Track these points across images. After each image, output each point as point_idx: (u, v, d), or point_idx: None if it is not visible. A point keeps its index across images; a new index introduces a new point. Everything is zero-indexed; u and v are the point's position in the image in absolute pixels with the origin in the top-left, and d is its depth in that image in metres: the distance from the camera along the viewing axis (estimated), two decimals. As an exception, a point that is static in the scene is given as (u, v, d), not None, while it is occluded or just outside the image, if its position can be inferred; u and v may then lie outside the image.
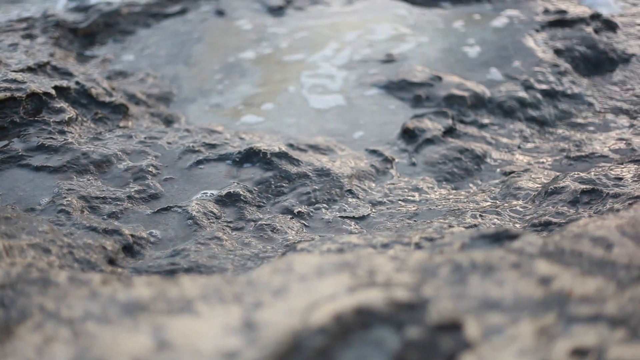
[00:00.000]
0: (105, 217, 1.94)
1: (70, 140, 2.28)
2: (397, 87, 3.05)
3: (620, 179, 2.16)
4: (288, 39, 3.62)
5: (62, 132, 2.34)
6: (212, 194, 2.12)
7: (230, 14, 3.95)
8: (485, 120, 2.80)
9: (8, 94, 2.36)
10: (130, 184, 2.13)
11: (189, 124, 2.70)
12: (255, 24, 3.82)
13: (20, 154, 2.18)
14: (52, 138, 2.28)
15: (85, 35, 3.48)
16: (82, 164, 2.17)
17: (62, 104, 2.46)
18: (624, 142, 2.59)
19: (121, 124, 2.56)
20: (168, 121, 2.76)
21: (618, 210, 1.88)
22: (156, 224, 1.96)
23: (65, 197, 1.97)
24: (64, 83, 2.58)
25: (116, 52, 3.42)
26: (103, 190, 2.06)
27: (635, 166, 2.28)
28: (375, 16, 3.93)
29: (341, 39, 3.60)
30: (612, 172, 2.21)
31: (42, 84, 2.50)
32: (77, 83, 2.62)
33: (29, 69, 2.67)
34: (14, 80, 2.45)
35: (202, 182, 2.20)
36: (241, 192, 2.12)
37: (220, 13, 3.93)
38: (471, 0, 3.99)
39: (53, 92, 2.47)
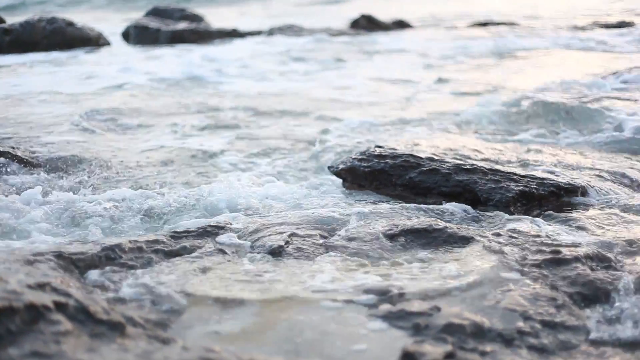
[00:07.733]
0: (95, 418, 1.89)
1: (65, 349, 2.26)
2: (395, 317, 3.05)
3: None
4: (286, 279, 3.66)
5: (57, 342, 2.32)
6: (207, 405, 2.07)
7: (231, 254, 4.01)
8: (486, 348, 2.78)
9: (6, 303, 2.37)
10: (124, 392, 2.09)
11: (186, 345, 2.67)
12: (255, 262, 3.88)
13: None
14: (46, 346, 2.26)
15: (86, 267, 3.53)
16: (76, 371, 2.14)
17: (59, 317, 2.46)
18: (627, 366, 2.56)
19: (118, 341, 2.54)
20: (165, 343, 2.73)
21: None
22: None
23: (55, 400, 1.92)
24: (62, 299, 2.59)
25: (116, 282, 3.44)
26: (95, 396, 2.02)
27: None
28: (371, 259, 4.00)
29: (339, 273, 3.64)
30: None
31: (40, 297, 2.52)
32: (76, 301, 2.63)
33: (28, 287, 2.68)
34: (13, 292, 2.47)
35: (197, 393, 2.15)
36: (237, 403, 2.07)
37: (221, 252, 4.00)
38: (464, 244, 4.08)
39: (51, 305, 2.48)
